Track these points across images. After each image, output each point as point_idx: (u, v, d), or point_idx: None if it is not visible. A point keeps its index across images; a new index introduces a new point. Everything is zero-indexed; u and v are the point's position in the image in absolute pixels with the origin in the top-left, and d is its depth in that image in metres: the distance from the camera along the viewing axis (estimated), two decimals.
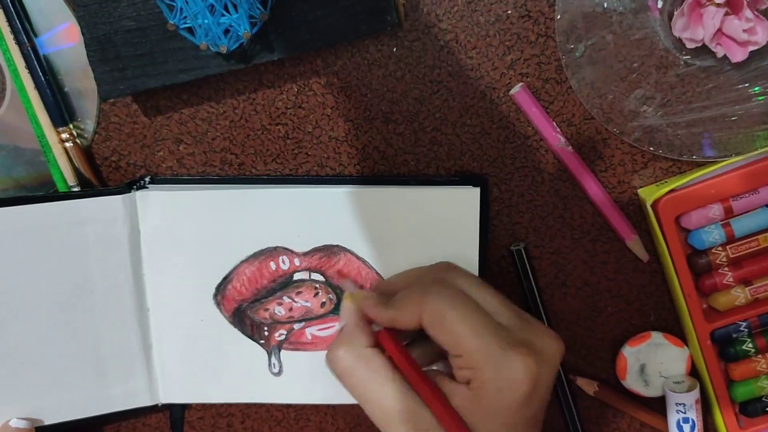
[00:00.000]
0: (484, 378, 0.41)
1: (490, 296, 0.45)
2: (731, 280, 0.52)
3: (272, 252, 0.53)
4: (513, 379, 0.41)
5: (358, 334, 0.45)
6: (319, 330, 0.54)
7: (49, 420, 0.54)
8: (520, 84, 0.51)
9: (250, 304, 0.54)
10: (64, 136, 0.53)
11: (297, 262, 0.53)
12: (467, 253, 0.52)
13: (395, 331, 0.46)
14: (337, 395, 0.47)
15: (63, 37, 0.53)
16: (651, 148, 0.51)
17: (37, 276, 0.52)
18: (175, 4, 0.48)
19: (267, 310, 0.54)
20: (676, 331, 0.55)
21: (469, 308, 0.43)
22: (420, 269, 0.50)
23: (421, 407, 0.43)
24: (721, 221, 0.51)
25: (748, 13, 0.47)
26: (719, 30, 0.47)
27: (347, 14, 0.49)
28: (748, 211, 0.51)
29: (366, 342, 0.45)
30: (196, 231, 0.53)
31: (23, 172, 0.54)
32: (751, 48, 0.47)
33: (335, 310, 0.54)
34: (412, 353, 0.47)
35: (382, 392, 0.43)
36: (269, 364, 0.55)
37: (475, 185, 0.52)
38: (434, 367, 0.49)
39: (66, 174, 0.54)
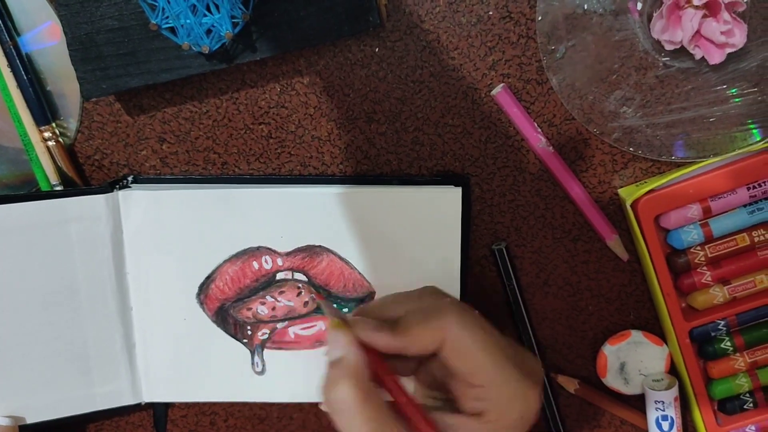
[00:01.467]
0: (501, 410, 0.39)
1: (486, 323, 0.41)
2: (710, 279, 0.52)
3: (255, 252, 0.53)
4: (527, 410, 0.40)
5: (360, 367, 0.39)
6: (302, 329, 0.55)
7: (32, 419, 0.54)
8: (502, 84, 0.52)
9: (233, 304, 0.54)
10: (47, 134, 0.53)
11: (280, 261, 0.53)
12: (449, 253, 0.53)
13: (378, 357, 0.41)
14: (320, 393, 0.47)
15: (45, 35, 0.53)
16: (631, 149, 0.51)
17: (19, 275, 0.52)
18: (157, 4, 0.48)
19: (250, 309, 0.54)
20: (655, 329, 0.55)
21: (487, 336, 0.40)
22: (408, 293, 0.44)
23: None
24: (699, 221, 0.52)
25: (725, 15, 0.47)
26: (697, 32, 0.48)
27: (330, 14, 0.50)
28: (726, 211, 0.52)
29: (369, 376, 0.40)
30: (178, 230, 0.53)
31: (5, 170, 0.54)
32: (729, 50, 0.48)
33: (319, 309, 0.54)
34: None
35: None
36: (252, 363, 0.55)
37: (456, 185, 0.52)
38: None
39: (49, 173, 0.53)
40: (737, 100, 0.50)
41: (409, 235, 0.52)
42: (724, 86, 0.50)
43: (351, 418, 0.39)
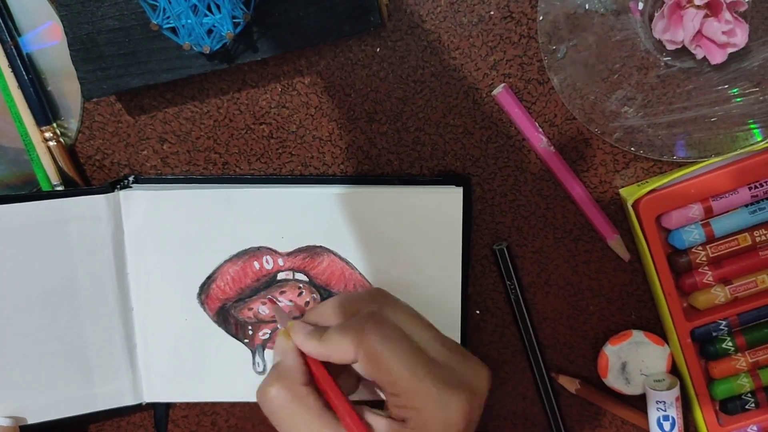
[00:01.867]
0: (423, 418, 0.41)
1: (425, 330, 0.44)
2: (711, 279, 0.52)
3: (256, 252, 0.53)
4: (450, 419, 0.41)
5: (294, 371, 0.44)
6: None
7: (33, 419, 0.54)
8: (503, 84, 0.52)
9: (234, 304, 0.54)
10: (48, 135, 0.53)
11: (281, 261, 0.53)
12: (450, 253, 0.53)
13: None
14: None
15: (46, 35, 0.53)
16: (632, 149, 0.51)
17: (20, 275, 0.52)
18: (158, 4, 0.48)
19: (251, 309, 0.54)
20: (656, 329, 0.55)
21: (406, 347, 0.42)
22: (352, 297, 0.47)
23: None
24: (701, 221, 0.52)
25: (727, 15, 0.47)
26: (699, 32, 0.48)
27: (330, 14, 0.50)
28: (727, 211, 0.52)
29: (301, 379, 0.44)
30: (179, 230, 0.53)
31: (6, 170, 0.54)
32: (730, 50, 0.48)
33: None
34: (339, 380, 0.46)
35: None
36: (253, 363, 0.55)
37: (458, 185, 0.52)
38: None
39: (49, 173, 0.53)
40: (739, 99, 0.50)
41: (411, 235, 0.52)
42: (726, 86, 0.49)
43: (280, 417, 0.43)
